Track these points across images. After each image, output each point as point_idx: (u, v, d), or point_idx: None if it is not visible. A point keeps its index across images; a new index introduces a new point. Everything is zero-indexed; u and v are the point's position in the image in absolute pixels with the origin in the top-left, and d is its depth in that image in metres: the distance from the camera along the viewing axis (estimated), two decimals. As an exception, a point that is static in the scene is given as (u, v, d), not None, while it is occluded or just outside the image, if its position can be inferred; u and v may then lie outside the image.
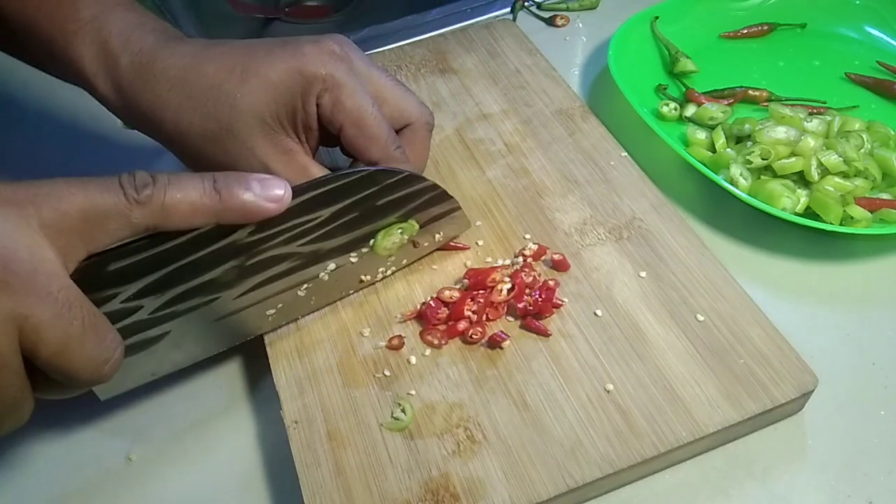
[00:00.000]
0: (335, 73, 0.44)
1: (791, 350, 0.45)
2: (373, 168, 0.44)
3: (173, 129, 0.45)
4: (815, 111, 0.61)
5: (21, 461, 0.47)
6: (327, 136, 0.47)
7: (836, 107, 0.62)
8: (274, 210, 0.40)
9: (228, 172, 0.39)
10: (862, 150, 0.56)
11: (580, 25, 0.75)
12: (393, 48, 0.70)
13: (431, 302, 0.48)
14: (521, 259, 0.50)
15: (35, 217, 0.33)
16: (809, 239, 0.55)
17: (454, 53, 0.68)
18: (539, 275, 0.49)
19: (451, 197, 0.49)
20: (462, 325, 0.47)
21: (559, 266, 0.50)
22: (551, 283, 0.48)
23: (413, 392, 0.45)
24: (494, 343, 0.46)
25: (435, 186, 0.47)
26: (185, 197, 0.37)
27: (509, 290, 0.48)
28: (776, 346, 0.45)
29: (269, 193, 0.39)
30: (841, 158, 0.54)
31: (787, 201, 0.53)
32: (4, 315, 0.31)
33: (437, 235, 0.50)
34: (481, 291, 0.48)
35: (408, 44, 0.71)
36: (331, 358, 0.47)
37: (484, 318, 0.47)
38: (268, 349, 0.47)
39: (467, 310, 0.47)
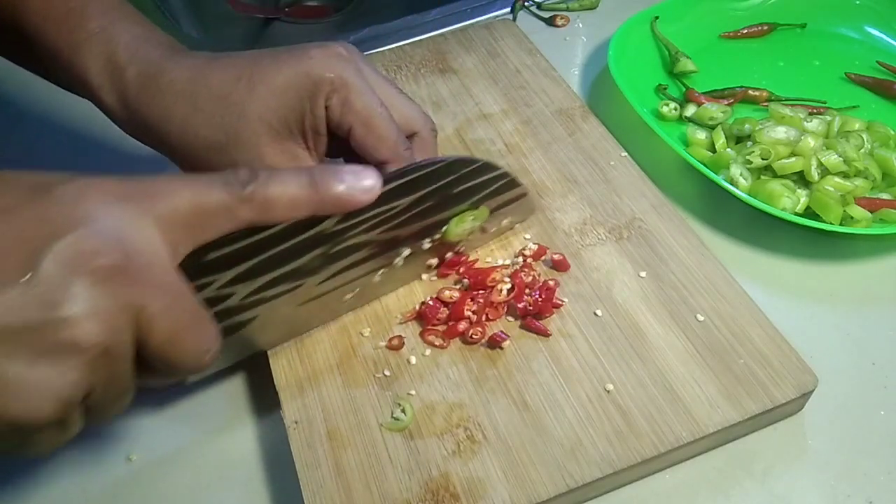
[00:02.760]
0: (343, 75, 0.45)
1: (791, 350, 0.45)
2: (451, 157, 0.45)
3: (179, 141, 0.45)
4: (815, 111, 0.61)
5: (21, 462, 0.47)
6: (333, 144, 0.48)
7: (836, 107, 0.62)
8: (366, 200, 0.41)
9: (323, 165, 0.41)
10: (862, 150, 0.56)
11: (580, 25, 0.75)
12: (393, 48, 0.70)
13: (431, 301, 0.48)
14: (520, 259, 0.50)
15: (150, 212, 0.34)
16: (809, 239, 0.55)
17: (454, 53, 0.68)
18: (539, 275, 0.49)
19: (521, 184, 0.50)
20: (462, 325, 0.47)
21: (559, 266, 0.50)
22: (551, 283, 0.48)
23: (413, 392, 0.45)
24: (494, 343, 0.46)
25: (506, 174, 0.48)
26: (286, 191, 0.38)
27: (509, 291, 0.48)
28: (776, 346, 0.45)
29: (361, 185, 0.40)
30: (841, 158, 0.54)
31: (787, 201, 0.53)
32: (124, 305, 0.32)
33: (504, 221, 0.51)
34: (481, 291, 0.48)
35: (408, 44, 0.71)
36: (331, 358, 0.47)
37: (484, 318, 0.47)
38: (267, 350, 0.47)
39: (467, 310, 0.47)
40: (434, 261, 0.50)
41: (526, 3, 0.77)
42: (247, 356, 0.47)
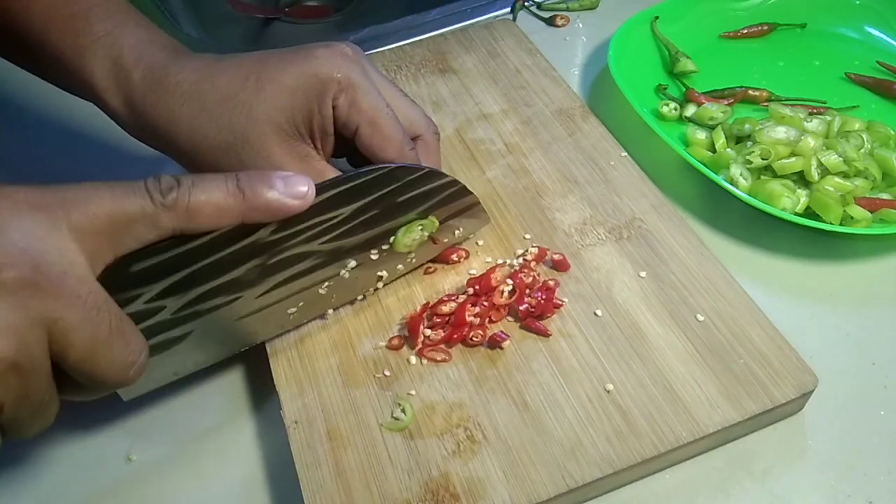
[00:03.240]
0: (350, 75, 0.45)
1: (791, 350, 0.45)
2: (393, 165, 0.44)
3: (187, 143, 0.45)
4: (815, 111, 0.61)
5: (21, 461, 0.47)
6: (338, 145, 0.48)
7: (836, 107, 0.62)
8: (298, 207, 0.40)
9: (251, 171, 0.39)
10: (862, 150, 0.56)
11: (580, 25, 0.75)
12: (393, 48, 0.70)
13: (417, 311, 0.47)
14: (520, 260, 0.50)
15: (64, 221, 0.34)
16: (809, 239, 0.55)
17: (454, 53, 0.68)
18: (539, 275, 0.49)
19: (471, 192, 0.48)
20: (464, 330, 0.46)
21: (559, 266, 0.50)
22: (551, 283, 0.48)
23: (413, 392, 0.45)
24: (494, 343, 0.46)
25: (454, 182, 0.47)
26: (210, 198, 0.37)
27: (510, 293, 0.48)
28: (776, 346, 0.45)
29: (293, 190, 0.40)
30: (841, 158, 0.54)
31: (787, 201, 0.53)
32: (35, 318, 0.31)
33: (456, 231, 0.50)
34: (484, 296, 0.48)
35: (408, 44, 0.71)
36: (331, 358, 0.47)
37: (487, 321, 0.47)
38: (268, 349, 0.47)
39: (469, 315, 0.47)
40: (384, 273, 0.49)
41: (526, 3, 0.77)
42: (187, 374, 0.45)
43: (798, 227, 0.51)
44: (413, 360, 0.46)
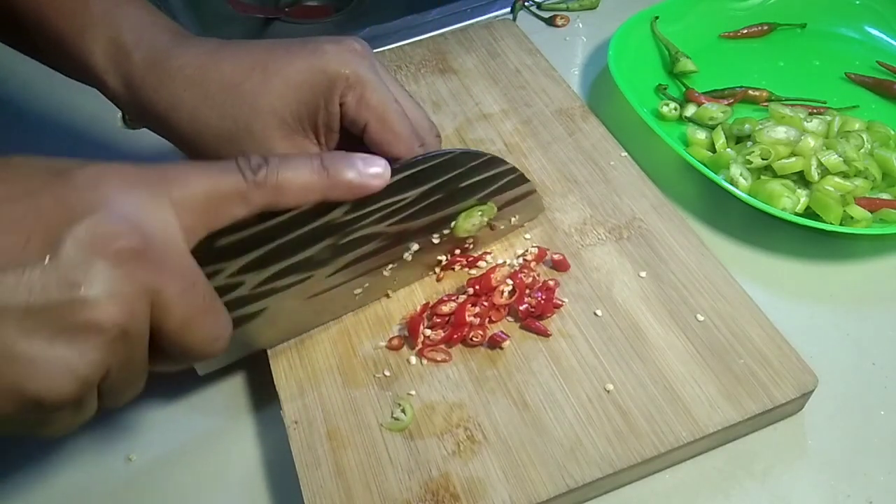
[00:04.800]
0: (359, 71, 0.45)
1: (791, 350, 0.45)
2: (457, 150, 0.45)
3: (188, 129, 0.45)
4: (815, 111, 0.61)
5: (21, 461, 0.47)
6: (344, 142, 0.48)
7: (836, 107, 0.62)
8: (376, 186, 0.41)
9: (333, 152, 0.41)
10: (862, 150, 0.56)
11: (580, 25, 0.75)
12: (393, 48, 0.70)
13: (417, 311, 0.48)
14: (520, 260, 0.50)
15: (166, 196, 0.34)
16: (809, 239, 0.55)
17: (454, 53, 0.68)
18: (539, 275, 0.49)
19: (529, 180, 0.50)
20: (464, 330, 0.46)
21: (559, 266, 0.50)
22: (551, 283, 0.48)
23: (413, 392, 0.45)
24: (494, 343, 0.46)
25: (514, 169, 0.48)
26: (297, 176, 0.38)
27: (510, 293, 0.48)
28: (776, 346, 0.45)
29: (371, 170, 0.41)
30: (841, 158, 0.54)
31: (787, 201, 0.53)
32: (142, 287, 0.32)
33: (512, 218, 0.51)
34: (484, 296, 0.48)
35: (408, 44, 0.71)
36: (331, 358, 0.47)
37: (487, 321, 0.47)
38: (268, 349, 0.47)
39: (469, 315, 0.47)
40: (443, 257, 0.50)
41: (526, 3, 0.77)
42: (256, 350, 0.47)
43: (798, 227, 0.51)
44: (413, 360, 0.46)
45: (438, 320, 0.47)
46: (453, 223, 0.48)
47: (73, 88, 0.48)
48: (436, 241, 0.48)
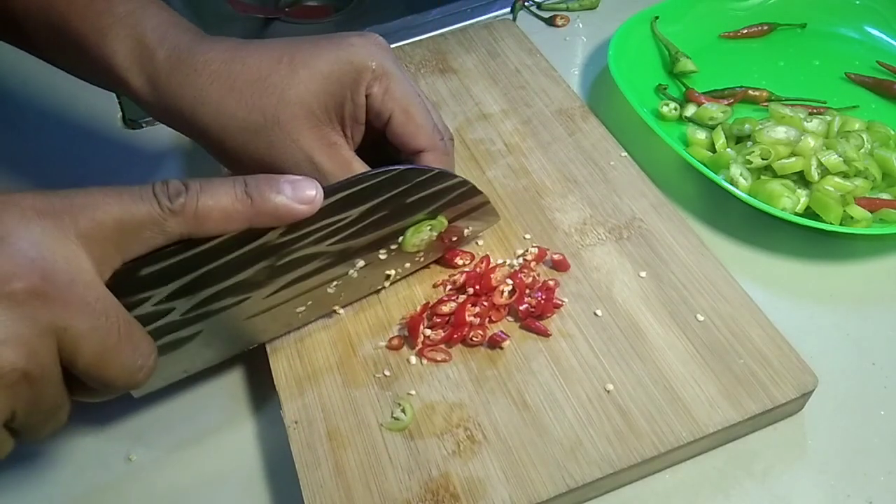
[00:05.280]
0: (384, 63, 0.45)
1: (791, 350, 0.45)
2: (403, 167, 0.44)
3: (214, 123, 0.44)
4: (815, 111, 0.61)
5: (21, 462, 0.47)
6: (366, 136, 0.48)
7: (836, 107, 0.62)
8: (306, 212, 0.40)
9: (258, 175, 0.39)
10: (862, 150, 0.56)
11: (580, 25, 0.75)
12: (393, 48, 0.70)
13: (417, 311, 0.48)
14: (520, 260, 0.50)
15: (72, 227, 0.33)
16: (809, 239, 0.55)
17: (454, 53, 0.68)
18: (539, 275, 0.49)
19: (480, 192, 0.48)
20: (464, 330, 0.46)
21: (559, 266, 0.50)
22: (551, 283, 0.48)
23: (413, 392, 0.45)
24: (494, 343, 0.46)
25: (464, 182, 0.47)
26: (217, 203, 0.37)
27: (510, 293, 0.48)
28: (776, 346, 0.45)
29: (300, 195, 0.39)
30: (841, 158, 0.54)
31: (787, 201, 0.53)
32: (44, 327, 0.31)
33: (465, 230, 0.50)
34: (484, 296, 0.48)
35: (408, 44, 0.71)
36: (331, 358, 0.47)
37: (487, 321, 0.47)
38: (268, 349, 0.47)
39: (469, 315, 0.47)
40: (392, 272, 0.49)
41: (526, 3, 0.77)
42: (197, 371, 0.46)
43: (798, 227, 0.51)
44: (413, 360, 0.46)
45: (438, 320, 0.47)
46: (401, 238, 0.47)
47: (74, 88, 0.48)
48: (383, 256, 0.47)
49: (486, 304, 0.47)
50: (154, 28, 0.45)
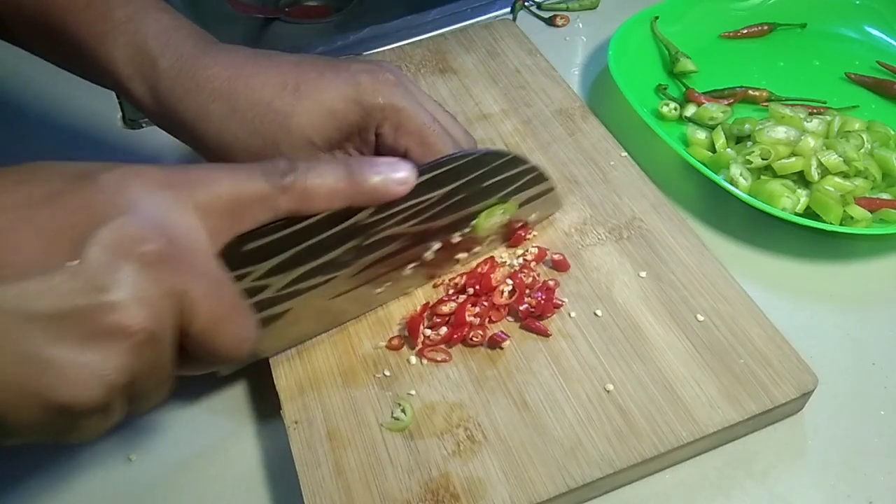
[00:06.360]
0: (393, 101, 0.45)
1: (791, 350, 0.45)
2: (482, 150, 0.45)
3: (216, 141, 0.45)
4: (815, 111, 0.61)
5: (21, 462, 0.47)
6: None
7: (836, 107, 0.62)
8: (402, 192, 0.41)
9: (360, 157, 0.41)
10: (862, 150, 0.56)
11: (580, 25, 0.75)
12: (393, 48, 0.70)
13: (417, 311, 0.48)
14: (520, 260, 0.50)
15: (190, 200, 0.34)
16: (809, 239, 0.55)
17: (454, 53, 0.68)
18: (539, 275, 0.49)
19: (549, 178, 0.50)
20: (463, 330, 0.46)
21: (559, 266, 0.50)
22: (551, 283, 0.48)
23: (413, 392, 0.45)
24: (494, 343, 0.46)
25: (535, 167, 0.48)
26: (324, 182, 0.39)
27: (511, 293, 0.48)
28: (776, 346, 0.45)
29: (397, 176, 0.41)
30: (841, 158, 0.54)
31: (787, 201, 0.53)
32: (168, 290, 0.32)
33: (532, 215, 0.51)
34: (484, 296, 0.48)
35: (408, 44, 0.71)
36: (331, 358, 0.47)
37: (487, 321, 0.47)
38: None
39: (469, 315, 0.47)
40: (464, 255, 0.50)
41: (526, 3, 0.77)
42: (281, 350, 0.47)
43: (798, 227, 0.51)
44: (413, 360, 0.46)
45: (438, 320, 0.47)
46: (474, 221, 0.48)
47: (74, 88, 0.48)
48: (456, 239, 0.48)
49: (486, 304, 0.47)
50: (156, 35, 0.44)
